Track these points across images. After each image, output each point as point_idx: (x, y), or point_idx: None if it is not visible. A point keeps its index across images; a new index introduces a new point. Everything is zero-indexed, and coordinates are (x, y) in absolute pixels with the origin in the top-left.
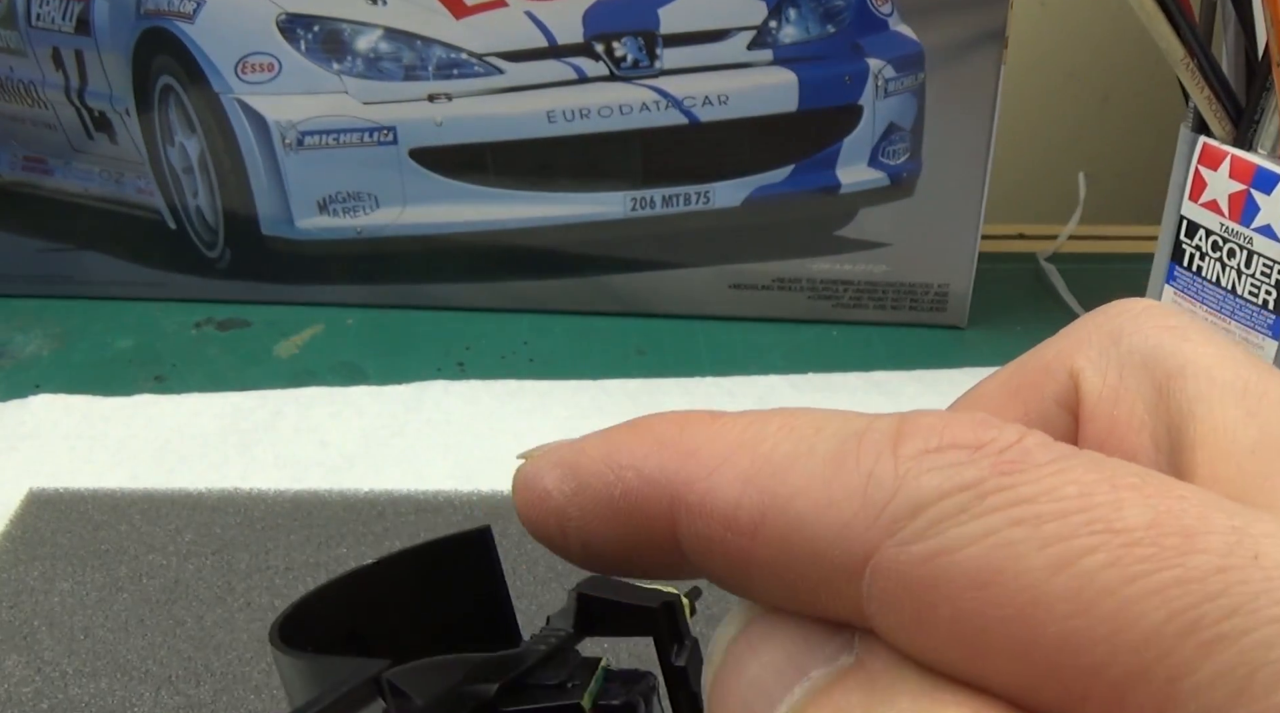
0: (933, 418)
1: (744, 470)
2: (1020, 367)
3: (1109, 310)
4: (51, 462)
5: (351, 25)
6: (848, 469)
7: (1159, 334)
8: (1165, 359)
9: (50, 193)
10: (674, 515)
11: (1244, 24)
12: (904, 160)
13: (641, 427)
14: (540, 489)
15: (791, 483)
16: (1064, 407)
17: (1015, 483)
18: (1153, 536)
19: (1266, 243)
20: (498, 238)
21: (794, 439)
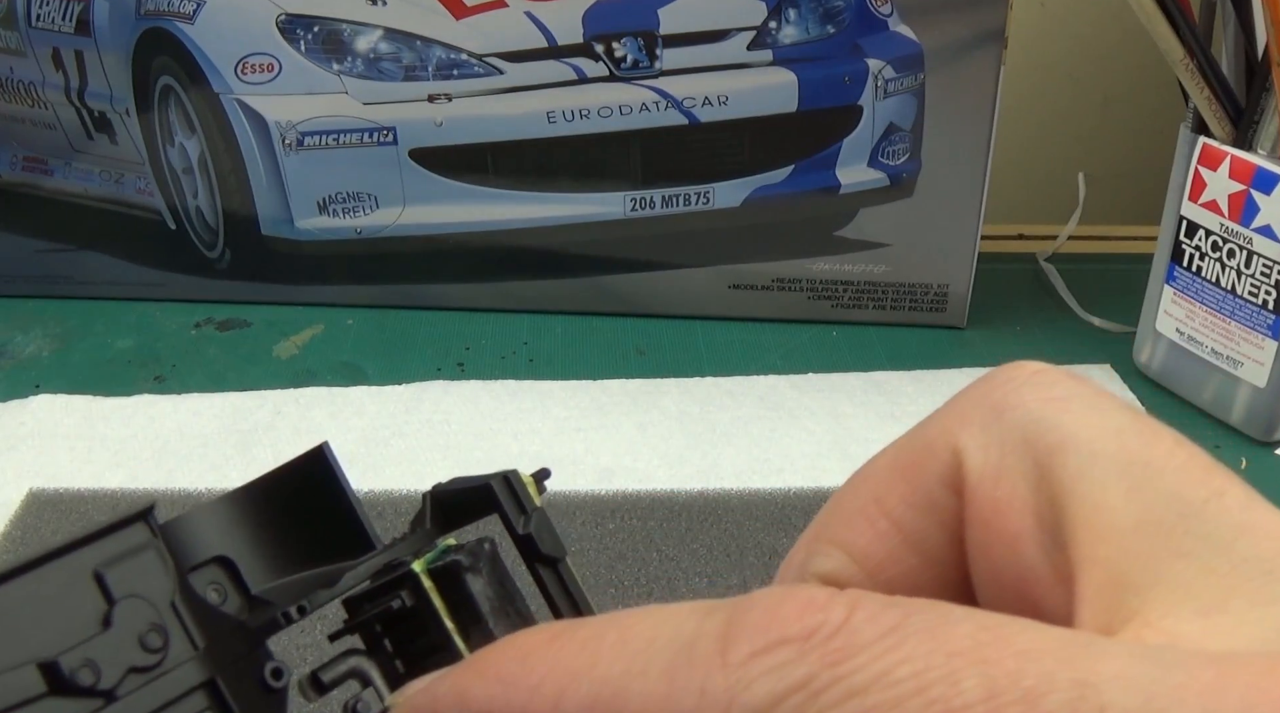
0: (759, 611)
1: (585, 698)
2: (908, 444)
3: (994, 379)
4: (51, 462)
5: (351, 25)
6: (680, 687)
7: (1041, 406)
8: (1046, 434)
9: (50, 193)
10: None
11: (1244, 24)
12: (904, 161)
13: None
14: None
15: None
16: (949, 487)
17: (847, 672)
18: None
19: (1266, 243)
20: (498, 238)
21: (627, 658)
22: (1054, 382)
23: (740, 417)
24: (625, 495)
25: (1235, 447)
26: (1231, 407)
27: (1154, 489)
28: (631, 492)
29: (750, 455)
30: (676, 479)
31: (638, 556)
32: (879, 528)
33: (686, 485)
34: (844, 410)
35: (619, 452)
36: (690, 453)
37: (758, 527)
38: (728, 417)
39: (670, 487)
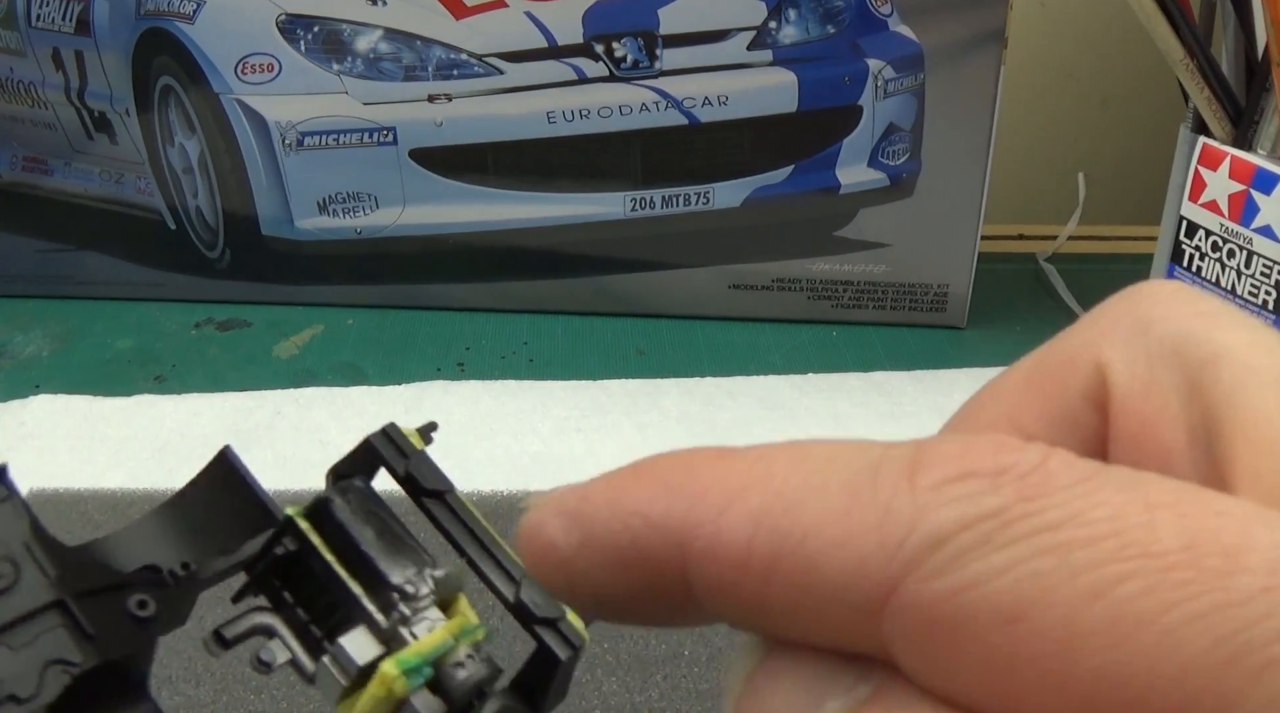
0: (950, 445)
1: (754, 510)
2: (1042, 359)
3: (1135, 295)
4: (51, 462)
5: (351, 26)
6: (863, 503)
7: (1189, 321)
8: (1197, 347)
9: (50, 193)
10: (684, 562)
11: (1244, 24)
12: (904, 161)
13: (646, 469)
14: (545, 540)
15: (804, 521)
16: (1091, 402)
17: (1040, 509)
18: (1191, 558)
19: (1266, 243)
20: (498, 238)
21: (805, 472)
22: (1200, 298)
23: (740, 417)
24: None
25: None
26: None
27: None
28: None
29: None
30: None
31: None
32: None
33: None
34: (844, 410)
35: (619, 452)
36: None
37: None
38: (728, 417)
39: None
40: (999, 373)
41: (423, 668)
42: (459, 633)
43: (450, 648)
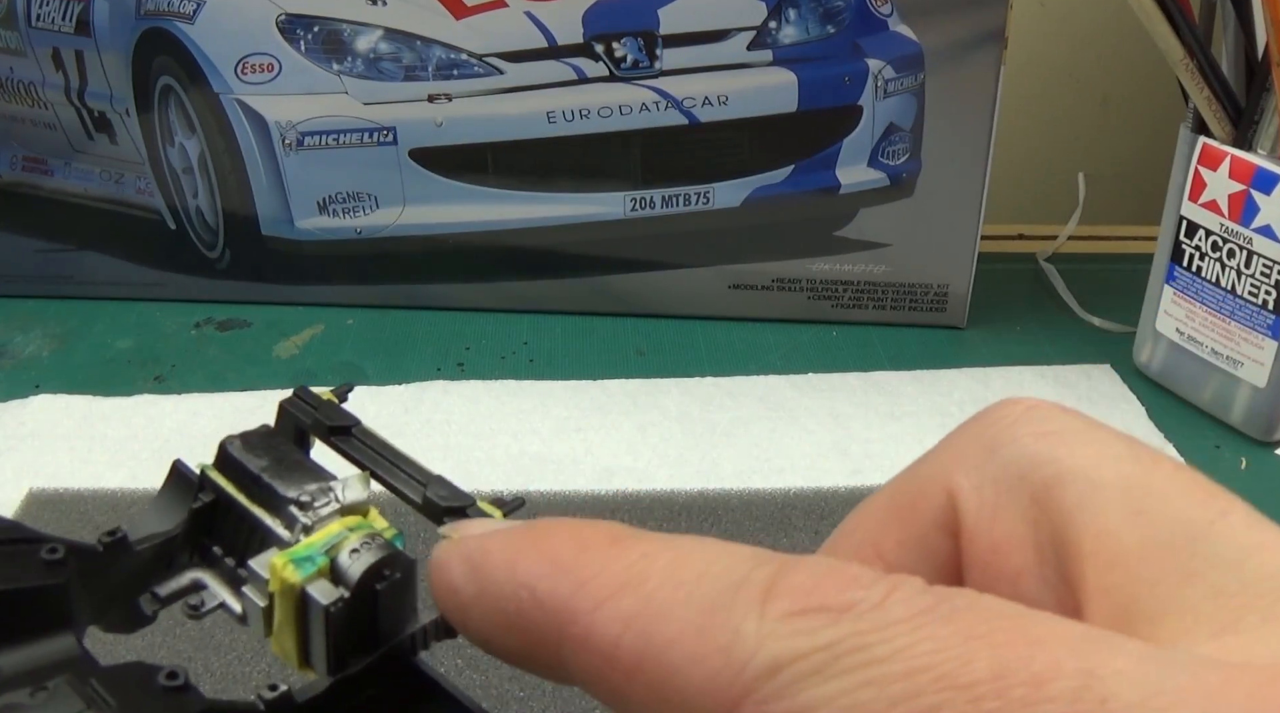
0: (804, 577)
1: (626, 611)
2: (902, 485)
3: (985, 417)
4: (51, 462)
5: (351, 25)
6: (717, 623)
7: (1034, 442)
8: (1042, 468)
9: (50, 193)
10: (561, 642)
11: (1244, 24)
12: (904, 161)
13: (544, 539)
14: (448, 582)
15: (667, 631)
16: (944, 530)
17: (870, 643)
18: (1000, 687)
19: (1266, 243)
20: (498, 238)
21: (675, 583)
22: (1047, 416)
23: (740, 417)
24: (625, 495)
25: (1235, 447)
26: (1231, 407)
27: (1158, 513)
28: (631, 492)
29: (750, 455)
30: (676, 479)
31: None
32: None
33: (686, 485)
34: (844, 410)
35: (619, 452)
36: (690, 453)
37: (758, 527)
38: (728, 417)
39: (670, 487)
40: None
41: (314, 557)
42: (354, 527)
43: (344, 539)
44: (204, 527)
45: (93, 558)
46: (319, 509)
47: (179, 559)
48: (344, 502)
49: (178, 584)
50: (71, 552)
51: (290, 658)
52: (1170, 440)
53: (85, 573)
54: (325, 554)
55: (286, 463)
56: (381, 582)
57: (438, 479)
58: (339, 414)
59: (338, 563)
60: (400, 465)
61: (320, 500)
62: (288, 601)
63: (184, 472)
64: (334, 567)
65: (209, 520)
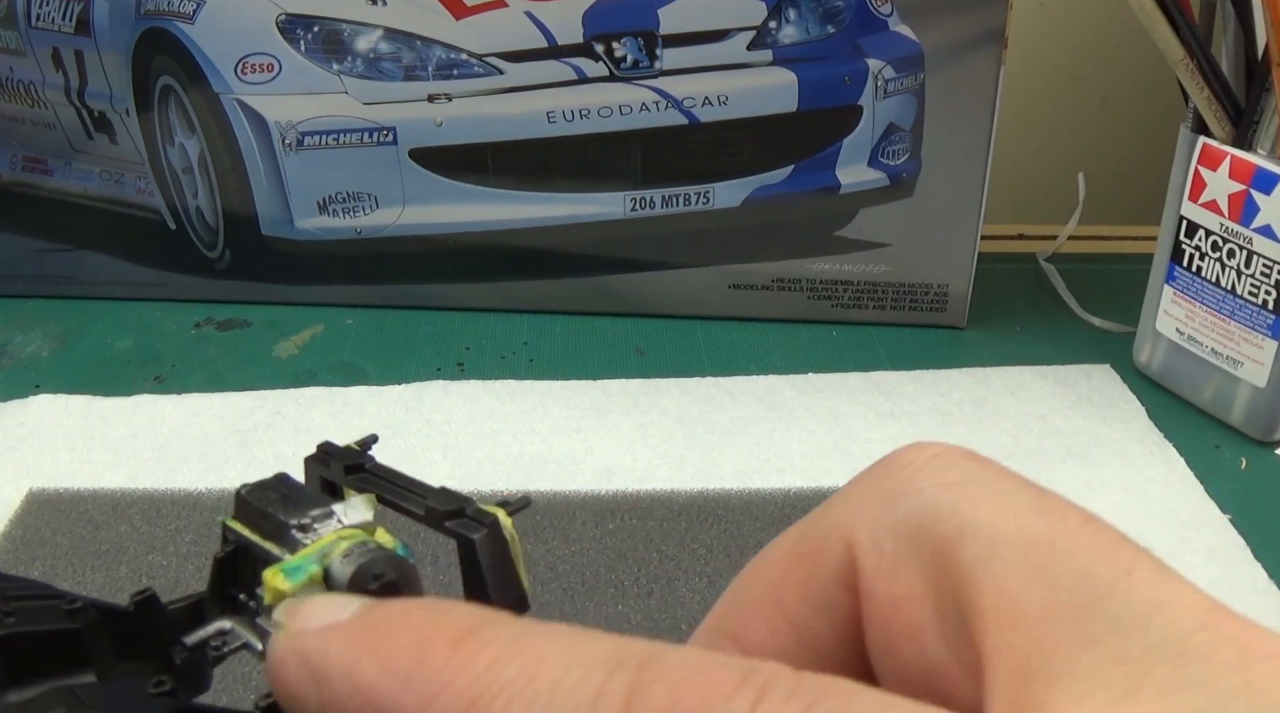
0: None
1: None
2: (804, 533)
3: (889, 464)
4: (51, 462)
5: (351, 25)
6: None
7: (935, 493)
8: (941, 522)
9: (50, 193)
10: None
11: (1244, 24)
12: (904, 160)
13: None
14: (288, 685)
15: None
16: (842, 584)
17: None
18: None
19: (1266, 243)
20: (498, 238)
21: (526, 699)
22: (951, 465)
23: (740, 417)
24: (625, 495)
25: (1235, 447)
26: (1231, 407)
27: (1060, 571)
28: (631, 492)
29: (750, 455)
30: (676, 479)
31: (638, 555)
32: (773, 624)
33: (686, 485)
34: (844, 410)
35: (619, 452)
36: (690, 453)
37: (758, 527)
38: (728, 417)
39: (670, 487)
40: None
41: (304, 566)
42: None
43: (335, 546)
44: (229, 577)
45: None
46: (320, 531)
47: (210, 612)
48: (346, 523)
49: (205, 633)
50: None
51: None
52: (1170, 440)
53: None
54: (318, 563)
55: (295, 497)
56: (374, 582)
57: (440, 491)
58: (353, 455)
59: (331, 570)
60: (407, 487)
61: (322, 523)
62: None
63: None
64: (327, 575)
65: (233, 569)
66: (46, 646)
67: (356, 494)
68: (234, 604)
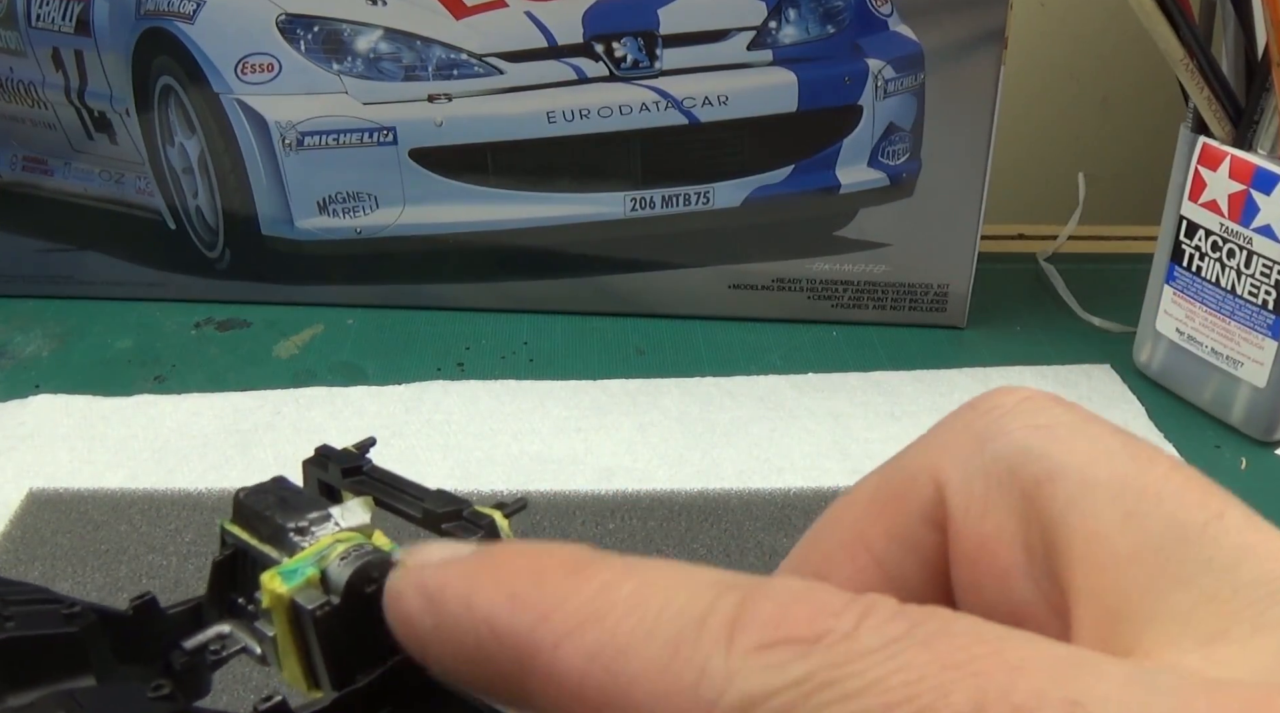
0: (773, 605)
1: (589, 647)
2: (890, 474)
3: (976, 407)
4: (51, 462)
5: (351, 25)
6: (683, 660)
7: (1026, 435)
8: (1033, 464)
9: (50, 193)
10: (524, 676)
11: (1244, 24)
12: (904, 160)
13: (500, 571)
14: (404, 613)
15: (632, 668)
16: (930, 523)
17: (843, 677)
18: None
19: (1266, 243)
20: (498, 238)
21: (637, 617)
22: (1041, 409)
23: (740, 417)
24: (625, 495)
25: (1235, 447)
26: (1231, 407)
27: (1150, 515)
28: (631, 492)
29: (750, 455)
30: (676, 479)
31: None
32: (860, 563)
33: (686, 485)
34: (844, 410)
35: (619, 452)
36: (690, 453)
37: (758, 527)
38: (728, 417)
39: (670, 487)
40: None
41: (301, 569)
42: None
43: (332, 548)
44: (229, 580)
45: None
46: (317, 534)
47: (209, 616)
48: (343, 525)
49: (204, 637)
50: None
51: (299, 681)
52: (1170, 440)
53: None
54: (315, 565)
55: (292, 500)
56: (370, 585)
57: (437, 493)
58: (351, 458)
59: (327, 572)
60: (404, 490)
61: (319, 526)
62: (281, 616)
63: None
64: (324, 576)
65: (231, 573)
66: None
67: (354, 498)
68: (232, 608)
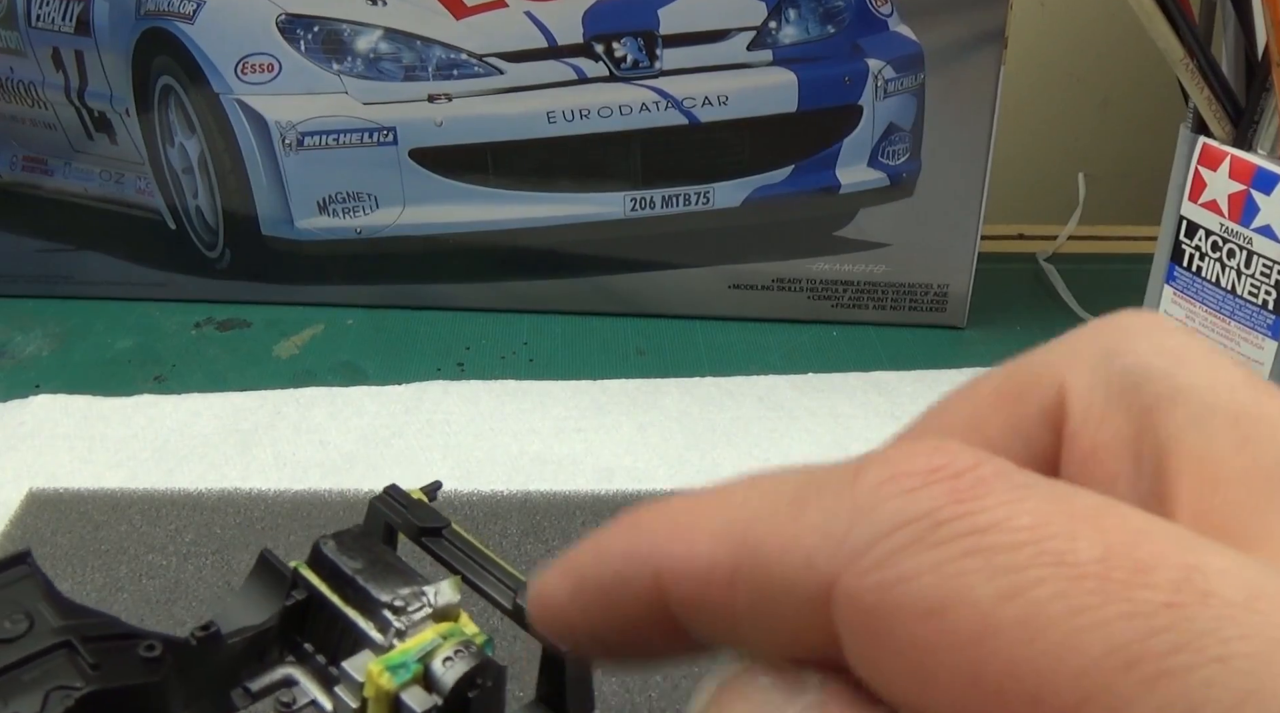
0: (893, 450)
1: (716, 529)
2: (1012, 373)
3: (1108, 324)
4: (51, 462)
5: (351, 25)
6: (810, 507)
7: (1153, 356)
8: (1156, 382)
9: (50, 193)
10: (659, 586)
11: (1244, 24)
12: (904, 160)
13: (626, 519)
14: (547, 598)
15: (759, 531)
16: (1048, 423)
17: (969, 511)
18: (1103, 569)
19: (1266, 243)
20: (498, 238)
21: (760, 492)
22: (1169, 332)
23: (740, 417)
24: (625, 495)
25: None
26: None
27: (1266, 442)
28: (631, 492)
29: (750, 455)
30: (676, 479)
31: None
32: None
33: (686, 485)
34: (844, 410)
35: (619, 452)
36: (690, 453)
37: None
38: (728, 417)
39: (670, 487)
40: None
41: (408, 664)
42: (447, 634)
43: (437, 646)
44: (296, 623)
45: (186, 652)
46: (412, 614)
47: (270, 653)
48: (436, 606)
49: (270, 679)
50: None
51: None
52: None
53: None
54: (419, 661)
55: (380, 565)
56: (474, 690)
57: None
58: (429, 515)
59: (431, 670)
60: (490, 570)
61: (414, 605)
62: (382, 706)
63: (272, 562)
64: (428, 674)
65: (301, 617)
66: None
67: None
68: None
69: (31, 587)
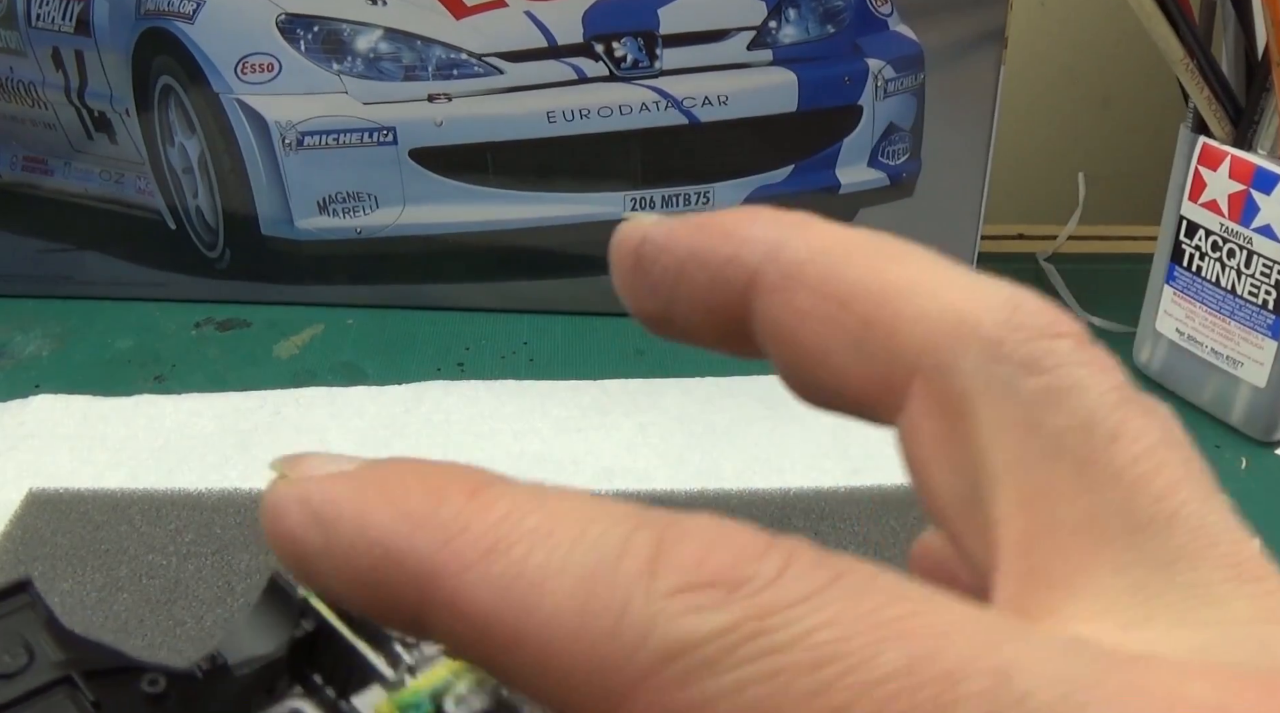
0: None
1: (496, 579)
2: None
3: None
4: (51, 462)
5: (351, 25)
6: (600, 599)
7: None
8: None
9: (50, 193)
10: (423, 604)
11: (1244, 24)
12: (904, 160)
13: (393, 489)
14: (286, 530)
15: (545, 606)
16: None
17: (769, 628)
18: (911, 683)
19: (1266, 243)
20: (498, 238)
21: (548, 548)
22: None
23: (740, 417)
24: (625, 495)
25: (1235, 447)
26: (1231, 407)
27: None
28: (631, 492)
29: (750, 455)
30: (676, 479)
31: None
32: None
33: (686, 485)
34: None
35: (619, 452)
36: (690, 453)
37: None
38: (728, 417)
39: (670, 487)
40: None
41: (420, 704)
42: (460, 672)
43: (450, 685)
44: (304, 654)
45: (192, 685)
46: (425, 651)
47: (279, 684)
48: None
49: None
50: (172, 682)
51: None
52: None
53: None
54: (431, 701)
55: None
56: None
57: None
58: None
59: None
60: None
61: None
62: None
63: (283, 587)
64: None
65: (309, 648)
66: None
67: None
68: (306, 683)
69: (32, 617)
